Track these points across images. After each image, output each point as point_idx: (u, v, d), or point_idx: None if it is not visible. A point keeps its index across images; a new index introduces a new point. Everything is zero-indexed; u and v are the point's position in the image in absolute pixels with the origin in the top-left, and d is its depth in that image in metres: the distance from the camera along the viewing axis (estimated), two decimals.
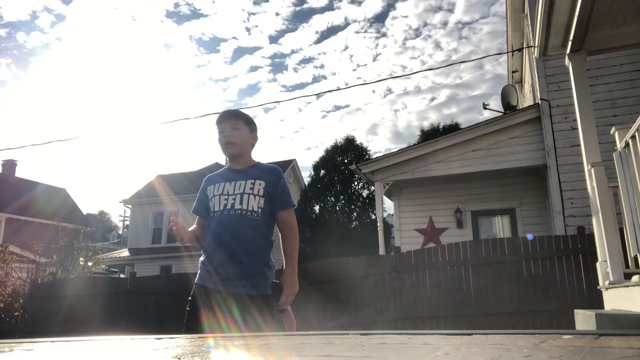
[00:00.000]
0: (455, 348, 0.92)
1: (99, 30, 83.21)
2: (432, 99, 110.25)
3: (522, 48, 9.85)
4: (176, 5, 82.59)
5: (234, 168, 2.31)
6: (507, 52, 11.35)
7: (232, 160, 2.34)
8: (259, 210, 2.20)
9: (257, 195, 2.20)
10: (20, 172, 29.31)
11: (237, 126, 2.27)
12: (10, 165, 27.39)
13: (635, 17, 3.76)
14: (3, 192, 24.63)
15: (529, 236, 6.44)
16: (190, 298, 2.19)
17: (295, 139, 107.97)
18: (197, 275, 2.27)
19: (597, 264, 3.81)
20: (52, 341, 1.50)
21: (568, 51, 3.94)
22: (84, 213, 32.48)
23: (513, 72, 11.83)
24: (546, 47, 4.11)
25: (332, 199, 19.56)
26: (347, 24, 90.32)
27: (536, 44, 4.25)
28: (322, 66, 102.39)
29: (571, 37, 3.75)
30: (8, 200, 24.03)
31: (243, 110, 2.43)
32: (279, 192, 2.25)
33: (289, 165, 22.90)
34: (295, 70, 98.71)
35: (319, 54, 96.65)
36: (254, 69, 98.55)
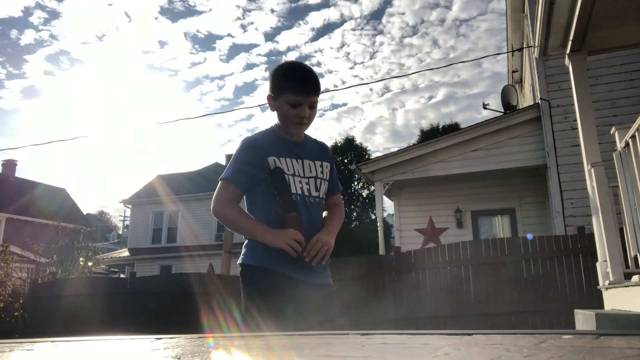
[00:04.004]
0: (455, 348, 0.92)
1: (93, 27, 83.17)
2: (430, 98, 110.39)
3: (522, 48, 9.85)
4: (170, 1, 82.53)
5: (291, 140, 1.85)
6: (507, 52, 11.35)
7: (291, 134, 1.86)
8: (325, 195, 1.89)
9: (325, 181, 1.88)
10: (20, 172, 29.33)
11: (315, 103, 1.81)
12: (10, 165, 27.38)
13: (635, 17, 3.75)
14: (3, 192, 24.62)
15: (529, 236, 6.44)
16: (260, 286, 1.72)
17: None
18: (260, 258, 1.74)
19: (597, 264, 3.81)
20: (52, 341, 1.50)
21: (568, 51, 3.94)
22: (84, 213, 32.47)
23: (513, 72, 11.83)
24: (546, 47, 4.11)
25: None
26: (343, 21, 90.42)
27: (536, 44, 4.25)
28: (318, 64, 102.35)
29: (571, 37, 3.75)
30: (8, 200, 24.03)
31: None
32: (335, 173, 1.98)
33: None
34: None
35: (315, 52, 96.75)
36: (250, 66, 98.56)
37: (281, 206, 1.73)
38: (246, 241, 1.81)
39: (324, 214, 1.92)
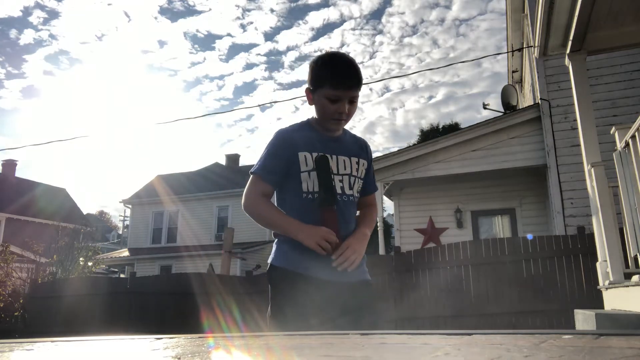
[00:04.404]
0: (455, 348, 0.92)
1: (92, 26, 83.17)
2: (430, 97, 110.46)
3: (522, 48, 9.85)
4: (170, 1, 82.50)
5: (327, 134, 1.75)
6: (507, 52, 11.35)
7: (328, 130, 1.75)
8: (358, 195, 1.79)
9: (360, 179, 1.77)
10: (20, 172, 29.33)
11: (355, 98, 1.70)
12: (10, 165, 27.39)
13: (635, 17, 3.76)
14: (3, 192, 24.63)
15: (529, 236, 6.44)
16: (284, 289, 1.65)
17: None
18: (290, 259, 1.66)
19: (597, 264, 3.81)
20: (52, 341, 1.50)
21: (568, 51, 3.94)
22: (84, 213, 32.49)
23: (513, 72, 11.83)
24: (546, 47, 4.11)
25: None
26: (343, 21, 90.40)
27: (536, 44, 4.25)
28: None
29: (571, 37, 3.75)
30: (8, 200, 24.04)
31: None
32: (372, 172, 1.88)
33: None
34: (291, 67, 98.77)
35: (314, 52, 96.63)
36: (249, 66, 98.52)
37: (321, 198, 1.63)
38: (275, 240, 1.74)
39: (357, 213, 1.83)
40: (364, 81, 1.76)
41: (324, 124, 1.73)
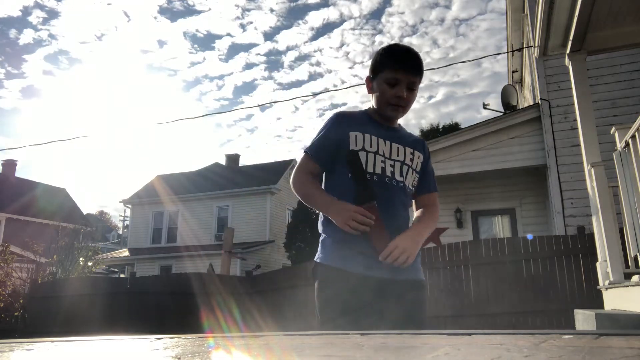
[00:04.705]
0: (455, 348, 0.92)
1: (92, 26, 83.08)
2: (430, 97, 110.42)
3: (522, 48, 9.85)
4: (169, 1, 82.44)
5: (383, 124, 1.73)
6: (507, 52, 11.36)
7: (385, 118, 1.73)
8: (413, 190, 1.74)
9: (415, 171, 1.72)
10: (20, 172, 29.34)
11: (415, 85, 1.67)
12: (10, 165, 27.40)
13: (635, 17, 3.76)
14: (3, 192, 24.63)
15: (529, 236, 6.44)
16: (329, 289, 1.60)
17: (292, 138, 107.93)
18: (335, 256, 1.62)
19: (597, 264, 3.81)
20: (52, 341, 1.50)
21: (568, 51, 3.94)
22: (84, 213, 32.49)
23: (513, 72, 11.83)
24: (546, 47, 4.11)
25: None
26: (342, 21, 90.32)
27: (536, 44, 4.25)
28: (317, 63, 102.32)
29: (571, 37, 3.75)
30: (8, 200, 24.04)
31: None
32: (431, 171, 1.82)
33: (289, 165, 22.92)
34: (291, 67, 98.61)
35: (314, 51, 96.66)
36: (249, 66, 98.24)
37: (360, 194, 1.59)
38: (321, 236, 1.71)
39: (416, 213, 1.77)
40: (363, 81, 1.76)
41: (382, 111, 1.71)
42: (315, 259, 1.69)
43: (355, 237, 1.57)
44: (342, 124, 1.69)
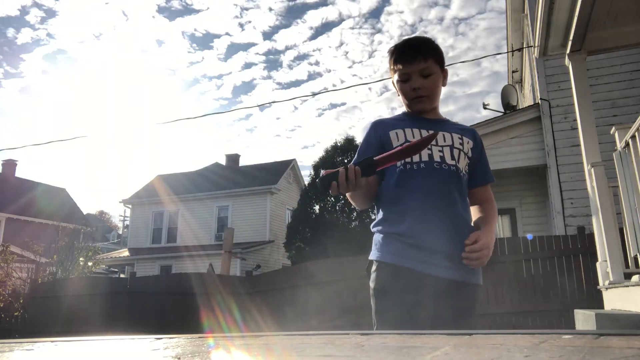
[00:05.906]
0: (455, 348, 0.92)
1: (90, 25, 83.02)
2: None
3: (522, 48, 9.85)
4: (167, 0, 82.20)
5: (425, 117, 1.69)
6: (507, 52, 11.36)
7: (418, 112, 1.70)
8: (466, 174, 1.64)
9: (466, 156, 1.63)
10: (20, 172, 29.34)
11: (427, 70, 1.61)
12: (10, 165, 27.41)
13: (635, 17, 3.76)
14: (3, 192, 24.64)
15: (529, 236, 6.44)
16: (381, 287, 1.57)
17: (291, 138, 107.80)
18: (386, 251, 1.57)
19: (597, 264, 3.81)
20: (52, 341, 1.50)
21: (568, 51, 3.94)
22: (84, 213, 32.50)
23: (513, 72, 11.83)
24: (546, 47, 4.11)
25: (332, 199, 19.55)
26: (341, 20, 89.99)
27: (536, 44, 4.25)
28: (317, 63, 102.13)
29: (571, 37, 3.75)
30: (8, 200, 24.04)
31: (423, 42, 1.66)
32: (485, 159, 1.73)
33: (289, 165, 22.91)
34: (290, 67, 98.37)
35: (313, 51, 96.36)
36: (248, 65, 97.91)
37: (362, 167, 1.45)
38: (374, 235, 1.68)
39: (473, 211, 1.69)
40: (362, 80, 1.74)
41: (410, 108, 1.69)
42: (369, 258, 1.67)
43: (405, 230, 1.52)
44: (380, 127, 1.67)
